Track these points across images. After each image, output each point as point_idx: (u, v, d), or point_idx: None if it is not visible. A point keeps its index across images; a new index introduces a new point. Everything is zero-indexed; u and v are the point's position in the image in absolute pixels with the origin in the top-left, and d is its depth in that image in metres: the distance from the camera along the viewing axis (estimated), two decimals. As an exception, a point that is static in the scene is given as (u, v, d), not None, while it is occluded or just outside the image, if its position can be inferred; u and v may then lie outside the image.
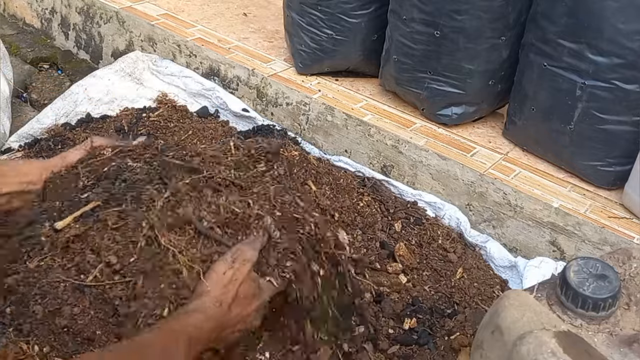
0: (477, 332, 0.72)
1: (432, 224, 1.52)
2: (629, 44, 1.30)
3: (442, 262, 1.45)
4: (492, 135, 1.66)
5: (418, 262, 1.44)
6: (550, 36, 1.41)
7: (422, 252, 1.46)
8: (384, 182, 1.60)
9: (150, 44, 2.05)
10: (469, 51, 1.54)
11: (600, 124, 1.40)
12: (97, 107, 1.83)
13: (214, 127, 1.76)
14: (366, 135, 1.65)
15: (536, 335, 0.61)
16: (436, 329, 1.30)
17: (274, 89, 1.81)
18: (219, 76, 1.91)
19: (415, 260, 1.43)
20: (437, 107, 1.64)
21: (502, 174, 1.50)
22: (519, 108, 1.55)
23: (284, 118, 1.80)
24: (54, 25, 2.38)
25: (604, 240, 1.35)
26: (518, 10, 1.51)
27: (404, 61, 1.63)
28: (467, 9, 1.48)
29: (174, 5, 2.20)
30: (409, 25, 1.58)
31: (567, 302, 0.69)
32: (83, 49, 2.29)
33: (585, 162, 1.46)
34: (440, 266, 1.44)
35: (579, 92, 1.39)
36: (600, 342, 0.66)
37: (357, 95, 1.78)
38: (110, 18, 2.15)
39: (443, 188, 1.55)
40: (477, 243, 1.47)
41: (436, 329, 1.31)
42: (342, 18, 1.72)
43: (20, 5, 2.50)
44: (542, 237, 1.43)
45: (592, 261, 0.71)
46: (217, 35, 2.03)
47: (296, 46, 1.81)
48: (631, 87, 1.34)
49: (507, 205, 1.46)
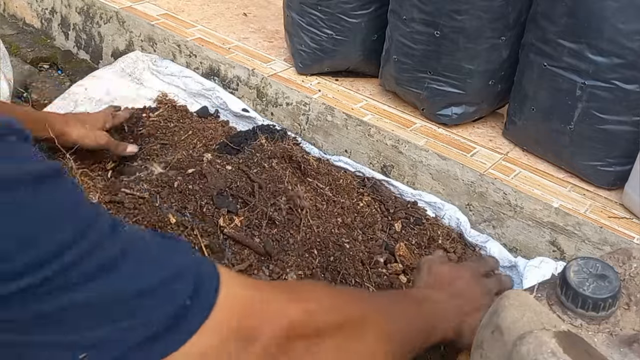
0: (477, 332, 0.72)
1: (432, 224, 1.52)
2: (629, 44, 1.30)
3: (442, 262, 1.45)
4: (492, 135, 1.66)
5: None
6: (550, 36, 1.41)
7: (422, 252, 1.46)
8: (383, 182, 1.60)
9: (150, 44, 2.05)
10: (469, 51, 1.54)
11: (600, 124, 1.40)
12: (97, 106, 1.83)
13: (214, 127, 1.76)
14: (366, 135, 1.65)
15: (536, 335, 0.61)
16: (436, 329, 1.30)
17: (274, 89, 1.81)
18: (219, 76, 1.91)
19: (416, 261, 1.43)
20: (437, 107, 1.64)
21: (502, 174, 1.50)
22: (519, 108, 1.55)
23: (284, 118, 1.80)
24: (54, 25, 2.38)
25: (604, 240, 1.35)
26: (518, 10, 1.51)
27: (404, 61, 1.63)
28: (467, 9, 1.48)
29: (174, 5, 2.20)
30: (409, 25, 1.58)
31: (567, 302, 0.69)
32: (83, 49, 2.29)
33: (585, 162, 1.46)
34: (440, 266, 1.44)
35: (579, 92, 1.39)
36: (600, 342, 0.66)
37: (357, 95, 1.78)
38: (110, 18, 2.15)
39: (443, 188, 1.55)
40: (477, 243, 1.47)
41: (436, 329, 1.31)
42: (342, 18, 1.72)
43: (20, 5, 2.50)
44: (542, 237, 1.43)
45: (592, 261, 0.71)
46: (217, 35, 2.03)
47: (296, 46, 1.81)
48: (631, 87, 1.34)
49: (507, 205, 1.46)
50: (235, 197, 1.40)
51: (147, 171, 1.50)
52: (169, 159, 1.53)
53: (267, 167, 1.49)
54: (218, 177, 1.43)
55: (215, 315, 0.64)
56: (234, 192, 1.41)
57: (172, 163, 1.51)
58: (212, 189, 1.40)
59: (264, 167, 1.48)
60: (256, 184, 1.42)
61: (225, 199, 1.39)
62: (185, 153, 1.57)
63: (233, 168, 1.48)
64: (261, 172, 1.47)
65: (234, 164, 1.50)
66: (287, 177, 1.44)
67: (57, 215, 0.58)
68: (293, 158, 1.52)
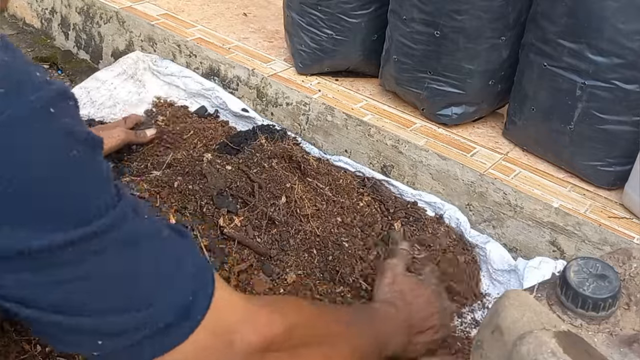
0: (477, 332, 0.72)
1: (432, 222, 1.52)
2: (629, 44, 1.30)
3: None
4: (492, 135, 1.66)
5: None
6: (550, 36, 1.41)
7: (422, 250, 1.46)
8: (383, 182, 1.60)
9: (150, 44, 2.05)
10: (469, 51, 1.54)
11: (600, 124, 1.40)
12: (99, 110, 1.83)
13: (214, 127, 1.76)
14: (366, 135, 1.65)
15: (536, 335, 0.61)
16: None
17: (274, 89, 1.81)
18: (219, 76, 1.91)
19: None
20: (437, 107, 1.64)
21: (502, 174, 1.50)
22: (519, 108, 1.55)
23: (284, 118, 1.80)
24: (54, 25, 2.38)
25: (604, 240, 1.35)
26: (518, 10, 1.51)
27: (404, 61, 1.63)
28: (467, 9, 1.48)
29: (174, 5, 2.20)
30: (409, 25, 1.58)
31: (567, 302, 0.69)
32: (83, 49, 2.29)
33: (585, 162, 1.46)
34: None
35: (579, 92, 1.39)
36: (600, 342, 0.66)
37: (357, 95, 1.78)
38: (110, 18, 2.15)
39: (443, 188, 1.55)
40: (477, 243, 1.47)
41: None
42: (342, 18, 1.72)
43: (20, 5, 2.50)
44: (542, 237, 1.43)
45: (592, 261, 0.70)
46: (217, 35, 2.03)
47: (296, 46, 1.81)
48: (631, 87, 1.34)
49: (507, 205, 1.46)
50: (235, 197, 1.40)
51: (147, 171, 1.50)
52: (169, 159, 1.53)
53: (267, 167, 1.49)
54: (218, 177, 1.43)
55: (210, 314, 0.68)
56: (234, 192, 1.41)
57: (172, 163, 1.51)
58: (212, 189, 1.40)
59: (263, 167, 1.48)
60: (256, 184, 1.42)
61: (225, 199, 1.39)
62: (185, 153, 1.57)
63: (233, 168, 1.48)
64: (261, 172, 1.47)
65: (234, 164, 1.50)
66: (287, 177, 1.44)
67: (102, 181, 0.63)
68: (293, 158, 1.52)
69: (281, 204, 1.39)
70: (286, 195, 1.41)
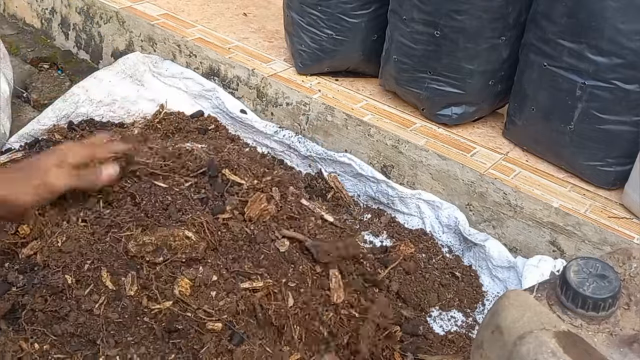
0: (477, 332, 0.72)
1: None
2: (629, 44, 1.30)
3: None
4: (492, 135, 1.66)
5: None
6: (550, 36, 1.41)
7: (422, 252, 1.46)
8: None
9: (150, 44, 2.05)
10: (469, 51, 1.54)
11: (600, 124, 1.40)
12: (97, 108, 1.83)
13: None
14: (366, 135, 1.65)
15: (536, 335, 0.61)
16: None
17: (274, 89, 1.81)
18: (219, 76, 1.91)
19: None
20: (437, 107, 1.64)
21: (502, 174, 1.50)
22: (519, 108, 1.55)
23: (284, 118, 1.80)
24: (54, 25, 2.38)
25: (604, 240, 1.35)
26: (518, 10, 1.51)
27: (404, 61, 1.63)
28: (467, 9, 1.48)
29: (174, 5, 2.20)
30: (409, 25, 1.58)
31: (567, 302, 0.68)
32: (83, 49, 2.29)
33: (585, 162, 1.46)
34: (440, 266, 1.44)
35: (579, 92, 1.39)
36: (600, 342, 0.66)
37: (357, 95, 1.78)
38: (110, 18, 2.15)
39: (443, 188, 1.55)
40: (475, 241, 1.47)
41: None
42: (342, 18, 1.72)
43: (20, 5, 2.50)
44: (542, 237, 1.43)
45: (592, 261, 0.70)
46: (217, 35, 2.03)
47: (296, 46, 1.81)
48: (631, 87, 1.34)
49: (507, 205, 1.46)
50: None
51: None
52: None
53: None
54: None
55: None
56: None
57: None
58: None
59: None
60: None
61: None
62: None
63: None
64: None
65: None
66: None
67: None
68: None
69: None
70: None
